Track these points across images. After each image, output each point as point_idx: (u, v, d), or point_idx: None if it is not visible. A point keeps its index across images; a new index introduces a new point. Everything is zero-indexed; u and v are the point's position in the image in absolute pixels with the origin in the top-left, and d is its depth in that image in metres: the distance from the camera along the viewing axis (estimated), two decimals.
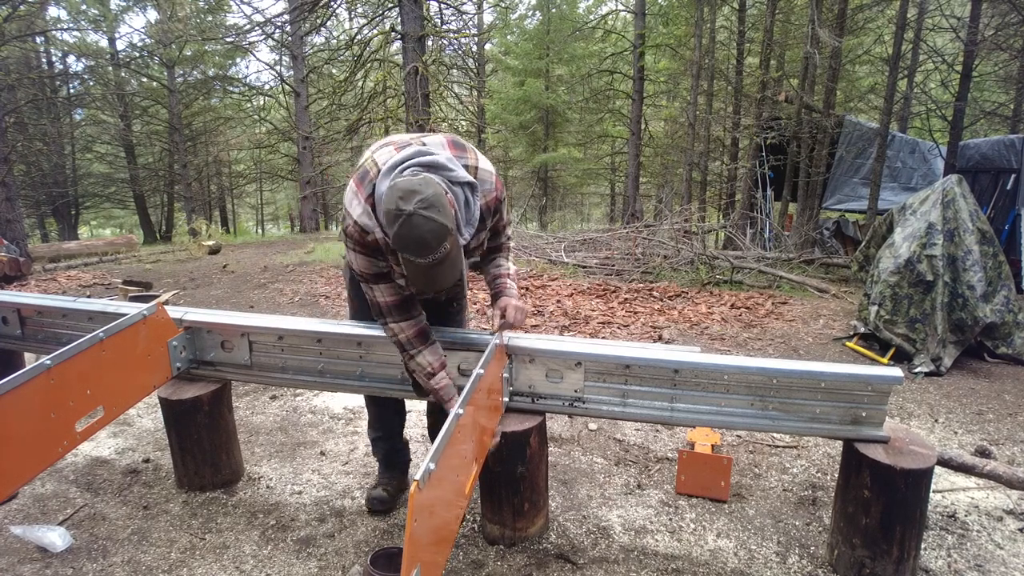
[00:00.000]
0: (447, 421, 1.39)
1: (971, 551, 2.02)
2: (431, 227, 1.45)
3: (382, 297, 1.83)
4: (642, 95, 15.58)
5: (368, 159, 1.75)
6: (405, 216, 1.44)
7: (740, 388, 1.87)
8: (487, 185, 1.79)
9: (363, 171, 1.73)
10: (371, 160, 1.73)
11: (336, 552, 1.98)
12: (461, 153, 1.77)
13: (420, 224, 1.45)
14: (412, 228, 1.45)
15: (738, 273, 7.23)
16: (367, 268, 1.79)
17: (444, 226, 1.47)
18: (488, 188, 1.80)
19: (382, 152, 1.74)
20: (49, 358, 1.74)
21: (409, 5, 9.53)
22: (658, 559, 1.96)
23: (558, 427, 2.98)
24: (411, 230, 1.45)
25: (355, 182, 1.74)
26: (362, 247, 1.75)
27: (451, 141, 1.79)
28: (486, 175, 1.80)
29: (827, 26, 9.16)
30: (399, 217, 1.45)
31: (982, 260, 4.12)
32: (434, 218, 1.46)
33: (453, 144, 1.78)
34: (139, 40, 18.70)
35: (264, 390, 3.49)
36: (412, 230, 1.45)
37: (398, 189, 1.47)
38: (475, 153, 1.81)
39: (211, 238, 12.24)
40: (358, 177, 1.74)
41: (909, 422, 3.18)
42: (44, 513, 2.21)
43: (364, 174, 1.72)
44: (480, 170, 1.78)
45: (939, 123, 12.06)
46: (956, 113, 8.17)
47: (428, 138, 1.78)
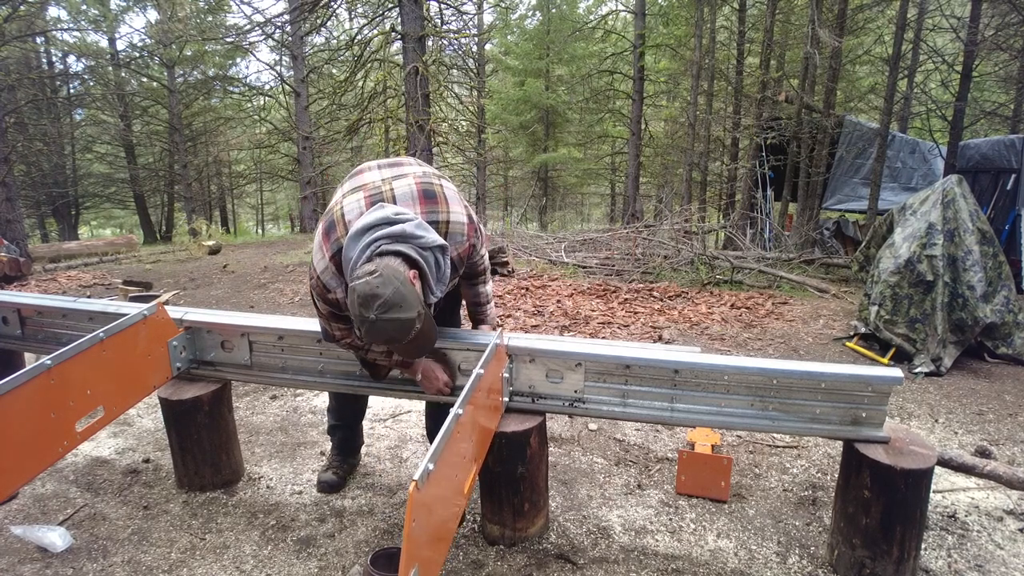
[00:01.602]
0: (447, 421, 1.39)
1: (971, 551, 2.02)
2: (395, 326, 1.50)
3: (337, 331, 1.88)
4: (642, 95, 15.58)
5: (336, 207, 1.73)
6: (369, 322, 1.49)
7: (740, 388, 1.87)
8: (459, 238, 1.78)
9: (330, 222, 1.72)
10: (339, 211, 1.71)
11: (336, 552, 1.98)
12: (432, 207, 1.74)
13: (384, 327, 1.50)
14: (378, 332, 1.51)
15: (738, 273, 7.23)
16: (327, 312, 1.82)
17: (409, 320, 1.51)
18: (460, 240, 1.79)
19: (351, 202, 1.71)
20: (49, 358, 1.74)
21: (409, 5, 9.53)
22: (658, 559, 1.96)
23: (558, 427, 2.98)
24: (378, 333, 1.51)
25: (322, 233, 1.73)
26: (324, 301, 1.78)
27: (422, 192, 1.74)
28: (457, 228, 1.77)
29: (827, 26, 9.16)
30: (364, 323, 1.50)
31: (982, 260, 4.12)
32: (397, 318, 1.49)
33: (424, 196, 1.74)
34: (139, 40, 18.72)
35: (264, 390, 3.49)
36: (379, 333, 1.51)
37: (359, 295, 1.48)
38: (447, 202, 1.77)
39: (211, 238, 12.24)
40: (325, 228, 1.72)
41: (909, 422, 3.18)
42: (44, 513, 2.21)
43: (331, 226, 1.71)
44: (451, 224, 1.76)
45: (939, 123, 12.07)
46: (956, 113, 8.17)
47: (399, 184, 1.74)
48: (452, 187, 1.84)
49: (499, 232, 11.26)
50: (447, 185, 1.83)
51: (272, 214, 29.70)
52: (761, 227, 10.59)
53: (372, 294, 1.47)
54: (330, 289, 1.72)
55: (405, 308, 1.50)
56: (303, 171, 16.03)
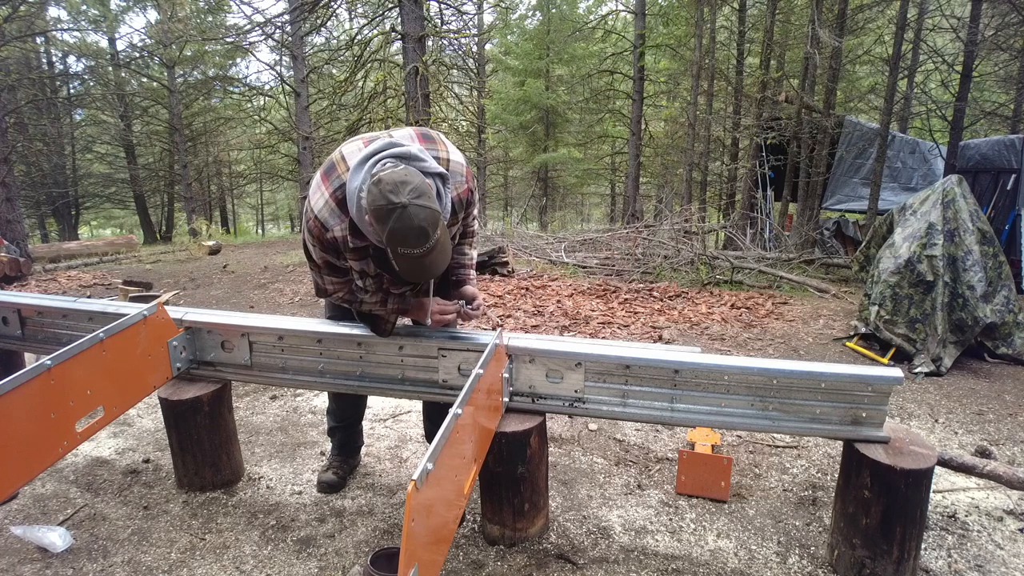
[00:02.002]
0: (446, 421, 1.39)
1: (971, 551, 2.02)
2: (426, 214, 1.44)
3: (329, 285, 1.87)
4: (642, 95, 15.58)
5: (335, 153, 1.73)
6: (400, 208, 1.42)
7: (740, 388, 1.87)
8: (458, 177, 1.78)
9: (329, 164, 1.71)
10: (339, 154, 1.71)
11: (336, 552, 1.98)
12: (431, 145, 1.76)
13: (416, 214, 1.43)
14: (409, 219, 1.43)
15: (738, 273, 7.23)
16: (322, 261, 1.79)
17: (437, 212, 1.47)
18: (460, 180, 1.79)
19: (349, 146, 1.72)
20: (49, 358, 1.74)
21: (409, 5, 9.53)
22: (658, 559, 1.96)
23: (558, 427, 2.98)
24: (408, 221, 1.43)
25: (321, 175, 1.72)
26: (320, 244, 1.74)
27: (420, 133, 1.77)
28: (457, 167, 1.78)
29: (827, 26, 9.16)
30: (393, 211, 1.43)
31: (982, 260, 4.12)
32: (427, 205, 1.45)
33: (422, 136, 1.77)
34: (139, 40, 18.72)
35: (264, 390, 3.49)
36: (409, 221, 1.43)
37: (386, 183, 1.44)
38: (445, 144, 1.80)
39: (211, 238, 12.25)
40: (324, 170, 1.71)
41: (909, 422, 3.18)
42: (44, 513, 2.21)
43: (331, 167, 1.70)
44: (451, 162, 1.76)
45: (939, 123, 12.07)
46: (956, 113, 8.17)
47: (396, 131, 1.77)
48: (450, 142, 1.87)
49: (499, 232, 11.26)
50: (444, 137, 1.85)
51: (272, 214, 29.71)
52: (761, 227, 10.59)
53: (402, 180, 1.44)
54: (328, 228, 1.68)
55: (432, 200, 1.46)
56: (303, 171, 16.02)
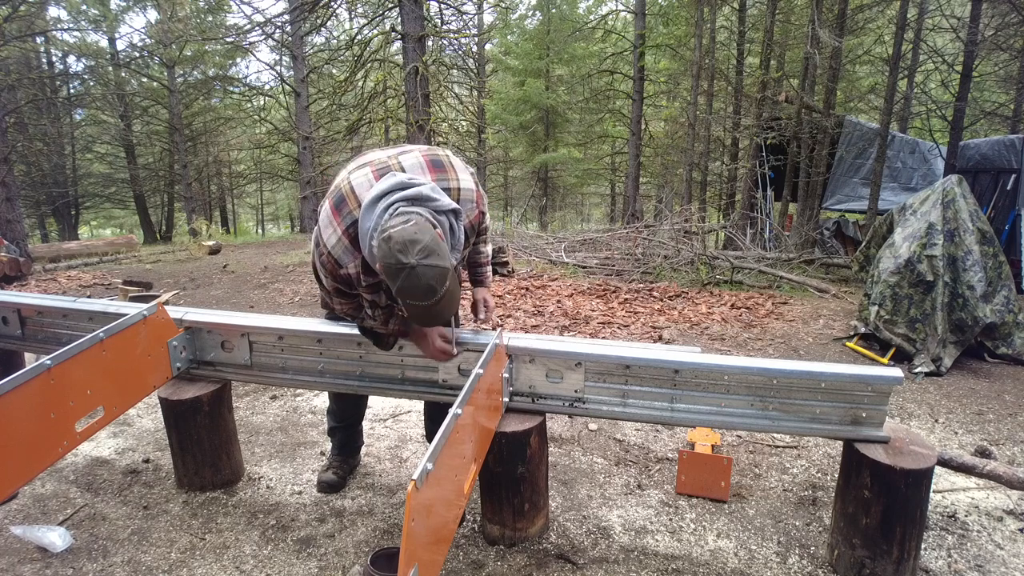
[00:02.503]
0: (445, 421, 1.39)
1: (971, 551, 2.02)
2: (434, 273, 1.45)
3: (338, 305, 1.88)
4: (642, 95, 15.59)
5: (344, 182, 1.70)
6: (408, 269, 1.43)
7: (740, 388, 1.87)
8: (469, 205, 1.78)
9: (339, 196, 1.68)
10: (347, 185, 1.67)
11: (336, 552, 1.98)
12: (441, 175, 1.73)
13: (424, 274, 1.44)
14: (417, 279, 1.45)
15: (738, 273, 7.23)
16: (332, 289, 1.79)
17: (446, 269, 1.47)
18: (471, 208, 1.78)
19: (359, 176, 1.68)
20: (49, 358, 1.74)
21: (409, 5, 9.53)
22: (658, 559, 1.96)
23: (558, 427, 2.98)
24: (416, 281, 1.45)
25: (331, 207, 1.68)
26: (333, 277, 1.73)
27: (430, 162, 1.74)
28: (468, 195, 1.77)
29: (827, 26, 9.16)
30: (402, 271, 1.44)
31: (982, 260, 4.12)
32: (436, 264, 1.45)
33: (433, 165, 1.74)
34: (139, 40, 18.72)
35: (264, 390, 3.49)
36: (417, 281, 1.45)
37: (396, 242, 1.44)
38: (455, 171, 1.77)
39: (211, 238, 12.25)
40: (334, 202, 1.68)
41: (909, 422, 3.18)
42: (44, 513, 2.21)
43: (341, 200, 1.67)
44: (462, 191, 1.76)
45: (939, 123, 12.07)
46: (956, 113, 8.17)
47: (405, 157, 1.73)
48: (458, 159, 1.84)
49: (499, 232, 11.26)
50: (453, 156, 1.83)
51: (272, 214, 29.71)
52: (761, 227, 10.59)
53: (412, 239, 1.43)
54: (342, 265, 1.68)
55: (442, 256, 1.46)
56: (303, 171, 16.03)
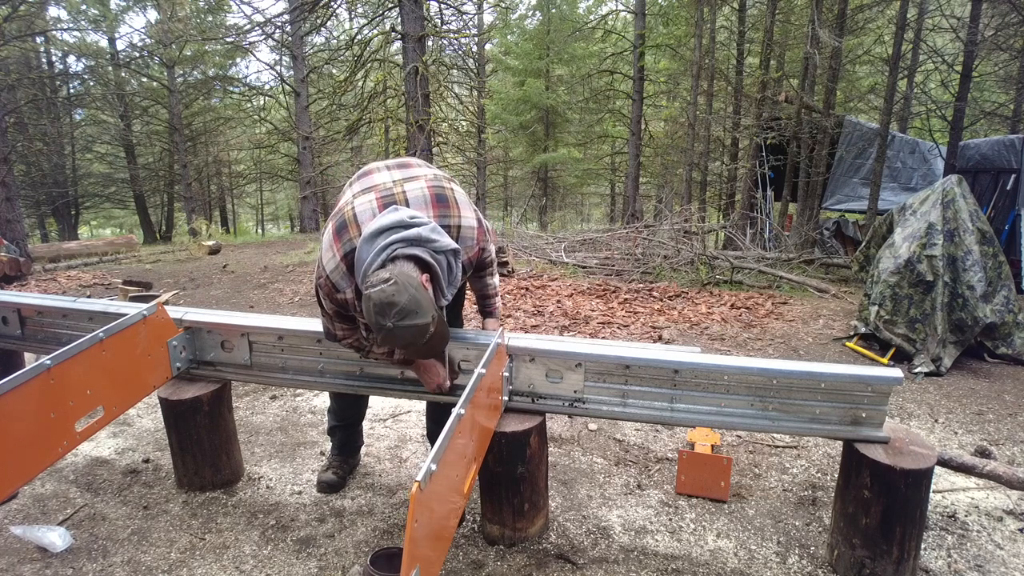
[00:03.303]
0: (448, 421, 1.39)
1: (971, 551, 2.02)
2: (411, 332, 1.51)
3: (339, 331, 1.90)
4: (642, 95, 15.59)
5: (348, 207, 1.73)
6: (387, 330, 1.50)
7: (740, 388, 1.87)
8: (469, 242, 1.81)
9: (341, 221, 1.72)
10: (351, 212, 1.71)
11: (336, 552, 1.98)
12: (444, 211, 1.76)
13: (402, 334, 1.51)
14: (395, 339, 1.52)
15: (738, 273, 7.23)
16: (332, 311, 1.82)
17: (424, 325, 1.52)
18: (470, 244, 1.81)
19: (363, 203, 1.72)
20: (49, 358, 1.74)
21: (409, 5, 9.53)
22: (658, 559, 1.96)
23: (558, 427, 2.98)
24: (394, 340, 1.53)
25: (333, 233, 1.72)
26: (331, 300, 1.77)
27: (434, 196, 1.76)
28: (468, 232, 1.80)
29: (827, 26, 9.16)
30: (381, 330, 1.51)
31: (982, 260, 4.12)
32: (413, 324, 1.50)
33: (436, 200, 1.76)
34: (139, 40, 18.72)
35: (264, 390, 3.49)
36: (395, 339, 1.53)
37: (375, 303, 1.48)
38: (458, 207, 1.79)
39: (211, 238, 12.25)
40: (336, 228, 1.72)
41: (909, 422, 3.18)
42: (44, 513, 2.21)
43: (343, 227, 1.71)
44: (462, 228, 1.79)
45: (939, 123, 12.07)
46: (956, 113, 8.17)
47: (411, 187, 1.76)
48: (461, 191, 1.87)
49: (499, 232, 11.26)
50: (457, 189, 1.85)
51: (272, 214, 29.71)
52: (761, 227, 10.59)
53: (388, 302, 1.47)
54: (339, 289, 1.72)
55: (420, 314, 1.50)
56: (303, 171, 16.04)
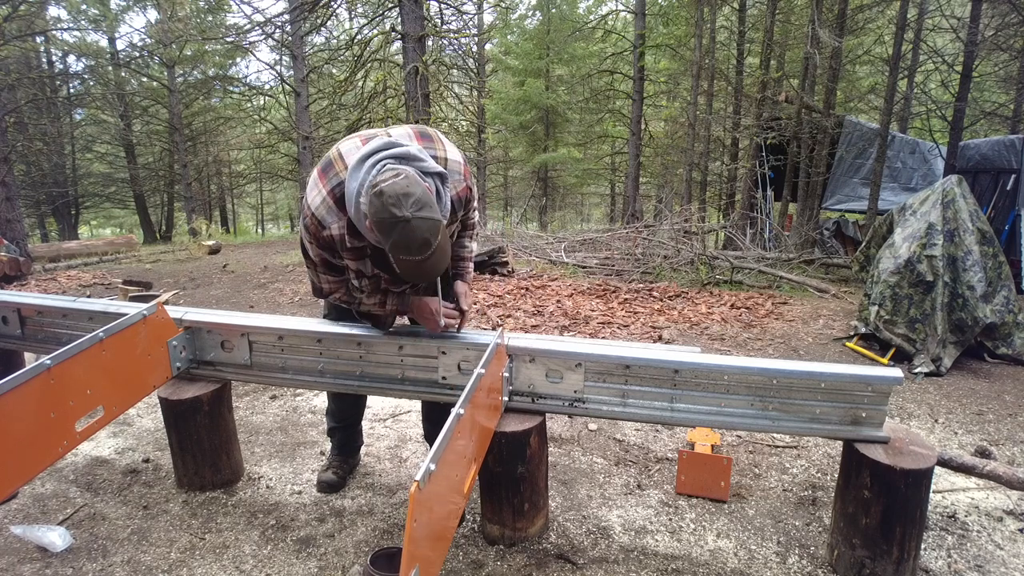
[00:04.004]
0: (448, 421, 1.39)
1: (971, 551, 2.02)
2: (428, 226, 1.46)
3: (326, 284, 1.89)
4: (642, 95, 15.59)
5: (333, 150, 1.74)
6: (403, 222, 1.44)
7: (740, 388, 1.87)
8: (456, 176, 1.79)
9: (327, 161, 1.73)
10: (336, 152, 1.72)
11: (336, 552, 1.98)
12: (428, 144, 1.77)
13: (419, 227, 1.45)
14: (412, 232, 1.45)
15: (738, 273, 7.23)
16: (319, 259, 1.80)
17: (439, 222, 1.48)
18: (458, 179, 1.80)
19: (347, 143, 1.74)
20: (49, 358, 1.74)
21: (409, 5, 9.53)
22: (658, 559, 1.96)
23: (558, 427, 2.98)
24: (412, 234, 1.46)
25: (318, 172, 1.73)
26: (317, 241, 1.75)
27: (418, 132, 1.78)
28: (455, 166, 1.79)
29: (827, 26, 9.16)
30: (396, 224, 1.45)
31: (982, 260, 4.12)
32: (430, 216, 1.46)
33: (420, 135, 1.78)
34: (139, 40, 18.73)
35: (264, 390, 3.49)
36: (412, 233, 1.45)
37: (388, 196, 1.44)
38: (443, 143, 1.81)
39: (211, 238, 12.25)
40: (321, 167, 1.73)
41: (909, 422, 3.18)
42: (44, 513, 2.21)
43: (328, 164, 1.71)
44: (449, 160, 1.78)
45: (939, 123, 12.07)
46: (956, 113, 8.17)
47: (394, 129, 1.77)
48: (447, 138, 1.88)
49: (499, 232, 11.26)
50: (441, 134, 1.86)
51: (272, 214, 29.71)
52: (761, 227, 10.59)
53: (405, 192, 1.44)
54: (325, 225, 1.69)
55: (434, 208, 1.47)
56: (303, 171, 16.01)
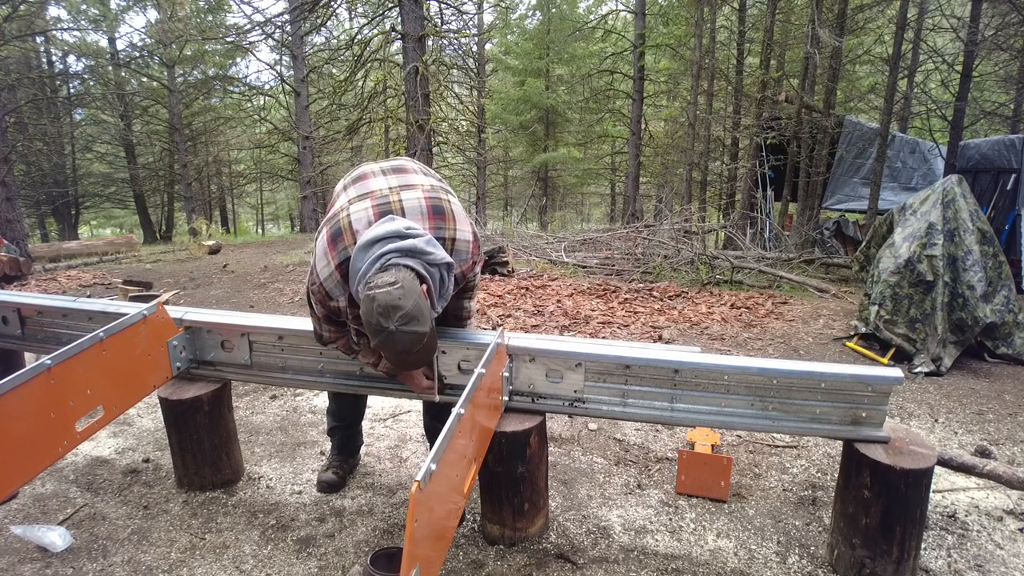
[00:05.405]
0: (448, 421, 1.39)
1: (971, 551, 2.02)
2: (411, 338, 1.51)
3: (327, 332, 1.91)
4: (642, 95, 15.59)
5: (343, 214, 1.72)
6: (387, 333, 1.49)
7: (740, 388, 1.87)
8: (463, 256, 1.80)
9: (336, 229, 1.70)
10: (346, 219, 1.70)
11: (336, 552, 1.98)
12: (440, 223, 1.75)
13: (401, 339, 1.50)
14: (394, 343, 1.51)
15: (738, 273, 7.23)
16: (322, 315, 1.83)
17: (423, 333, 1.52)
18: (464, 259, 1.81)
19: (358, 210, 1.70)
20: (49, 358, 1.74)
21: (409, 5, 9.53)
22: (658, 559, 1.96)
23: (558, 427, 2.98)
24: (393, 344, 1.52)
25: (328, 240, 1.71)
26: (323, 308, 1.78)
27: (431, 208, 1.74)
28: (463, 246, 1.79)
29: (827, 26, 9.16)
30: (381, 332, 1.50)
31: (982, 260, 4.12)
32: (414, 331, 1.50)
33: (433, 212, 1.74)
34: (139, 40, 18.73)
35: (264, 390, 3.49)
36: (394, 344, 1.51)
37: (379, 305, 1.47)
38: (455, 219, 1.78)
39: (211, 238, 12.25)
40: (330, 235, 1.71)
41: (909, 422, 3.18)
42: (44, 513, 2.21)
43: (338, 234, 1.69)
44: (457, 241, 1.78)
45: (939, 123, 12.06)
46: (956, 113, 8.17)
47: (407, 196, 1.74)
48: (458, 203, 1.85)
49: (499, 232, 11.26)
50: (454, 201, 1.83)
51: (272, 214, 29.71)
52: (761, 227, 10.59)
53: (394, 305, 1.47)
54: (332, 297, 1.72)
55: (421, 322, 1.51)
56: (303, 171, 16.03)
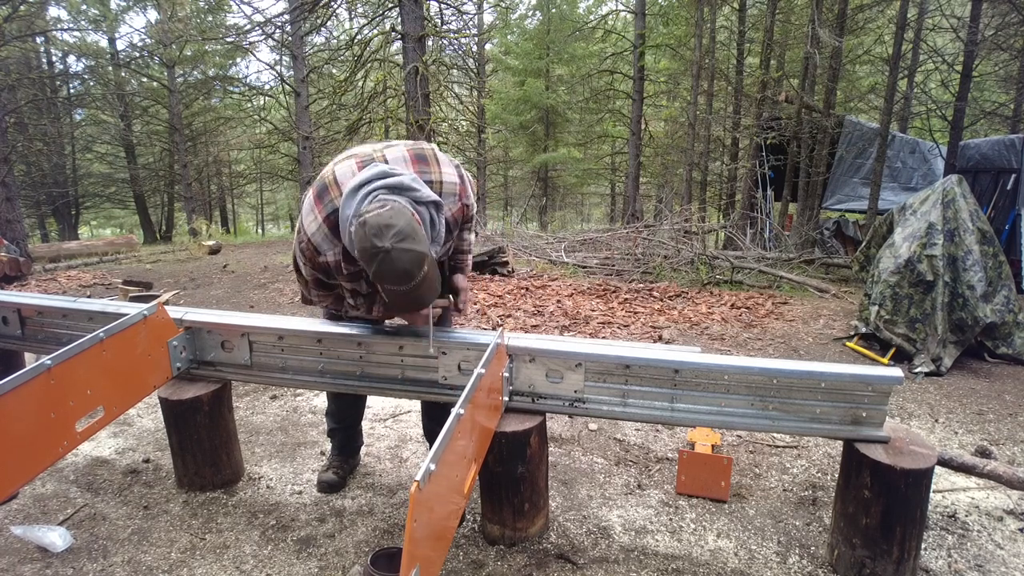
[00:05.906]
0: (448, 421, 1.39)
1: (971, 551, 2.02)
2: (410, 257, 1.47)
3: (315, 296, 1.93)
4: (642, 95, 15.59)
5: (328, 172, 1.73)
6: (383, 253, 1.45)
7: (740, 388, 1.87)
8: (451, 198, 1.80)
9: (322, 185, 1.71)
10: (331, 175, 1.70)
11: (336, 552, 1.98)
12: (424, 168, 1.76)
13: (399, 258, 1.46)
14: (392, 263, 1.47)
15: (738, 273, 7.23)
16: (311, 278, 1.82)
17: (422, 254, 1.49)
18: (452, 201, 1.80)
19: (343, 167, 1.71)
20: (49, 358, 1.74)
21: (409, 5, 9.53)
22: (658, 559, 1.96)
23: (558, 427, 2.98)
24: (391, 265, 1.47)
25: (314, 196, 1.71)
26: (312, 264, 1.76)
27: (414, 155, 1.76)
28: (450, 188, 1.79)
29: (827, 26, 9.16)
30: (376, 255, 1.46)
31: (982, 260, 4.12)
32: (412, 248, 1.47)
33: (416, 158, 1.76)
34: (139, 40, 18.73)
35: (264, 390, 3.49)
36: (392, 264, 1.47)
37: (371, 226, 1.45)
38: (438, 164, 1.79)
39: (211, 238, 12.25)
40: (317, 192, 1.71)
41: (909, 422, 3.18)
42: (44, 513, 2.21)
43: (323, 189, 1.70)
44: (444, 184, 1.78)
45: (939, 123, 12.06)
46: (956, 113, 8.17)
47: (390, 151, 1.76)
48: (442, 153, 1.86)
49: (499, 232, 11.26)
50: (437, 150, 1.84)
51: (272, 214, 29.71)
52: (761, 227, 10.59)
53: (386, 223, 1.45)
54: (321, 252, 1.70)
55: (418, 241, 1.48)
56: (303, 171, 16.01)
